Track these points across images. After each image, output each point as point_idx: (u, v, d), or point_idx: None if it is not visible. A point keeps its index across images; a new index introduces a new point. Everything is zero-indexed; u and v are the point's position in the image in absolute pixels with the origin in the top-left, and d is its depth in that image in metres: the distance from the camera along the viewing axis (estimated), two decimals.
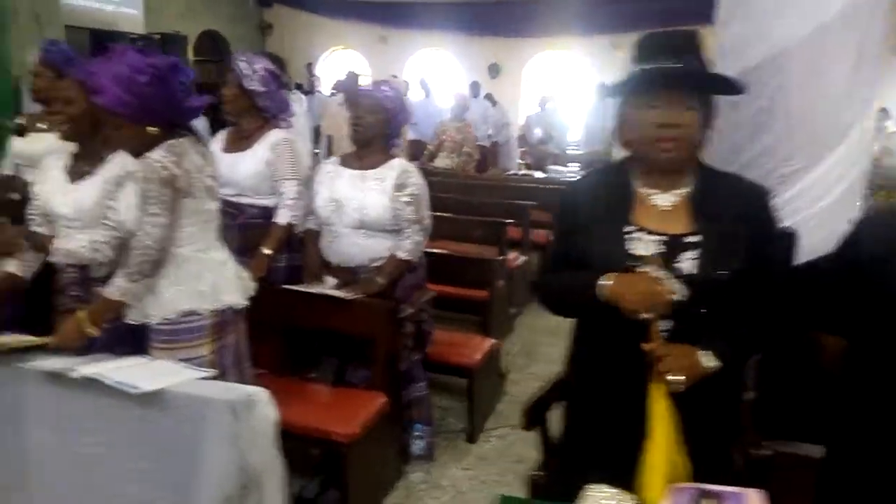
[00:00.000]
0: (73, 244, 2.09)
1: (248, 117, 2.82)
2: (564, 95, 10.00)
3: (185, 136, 1.99)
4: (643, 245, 1.40)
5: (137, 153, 1.96)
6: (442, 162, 7.01)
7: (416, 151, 7.53)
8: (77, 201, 2.11)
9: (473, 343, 3.20)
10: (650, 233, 1.42)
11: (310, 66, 13.00)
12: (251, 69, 2.79)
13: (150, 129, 1.93)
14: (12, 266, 2.13)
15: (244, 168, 2.77)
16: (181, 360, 1.98)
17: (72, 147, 2.19)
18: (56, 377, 1.83)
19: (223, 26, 12.84)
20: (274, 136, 2.81)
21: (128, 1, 10.77)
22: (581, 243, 1.46)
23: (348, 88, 6.91)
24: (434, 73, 12.51)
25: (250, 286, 2.17)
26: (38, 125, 3.08)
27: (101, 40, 9.81)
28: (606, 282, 1.37)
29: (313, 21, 13.33)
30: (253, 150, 2.79)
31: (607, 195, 1.49)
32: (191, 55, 11.71)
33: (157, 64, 1.90)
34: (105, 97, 1.87)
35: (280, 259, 2.84)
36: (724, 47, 2.24)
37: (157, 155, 1.92)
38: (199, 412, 1.69)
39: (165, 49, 10.86)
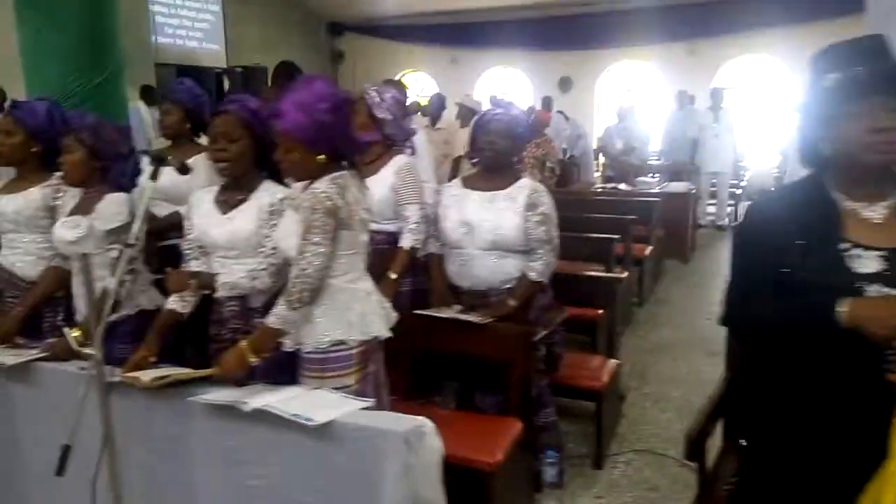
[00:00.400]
0: (233, 276, 2.13)
1: (374, 144, 2.84)
2: (642, 105, 9.78)
3: (347, 168, 2.02)
4: (864, 262, 1.31)
5: (301, 179, 2.02)
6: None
7: None
8: (233, 231, 2.15)
9: (596, 364, 3.11)
10: (867, 248, 1.32)
11: None
12: (380, 98, 2.83)
13: (319, 157, 1.97)
14: (173, 303, 2.19)
15: (371, 194, 2.78)
16: (331, 389, 1.98)
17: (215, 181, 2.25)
18: (221, 409, 1.85)
19: (297, 57, 13.08)
20: (398, 161, 2.84)
21: (210, 37, 11.25)
22: (786, 265, 1.36)
23: (465, 113, 6.96)
24: (504, 90, 12.54)
25: (393, 316, 2.17)
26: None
27: (187, 76, 10.30)
28: (844, 307, 1.28)
29: (384, 46, 13.59)
30: (379, 175, 2.81)
31: (809, 212, 1.40)
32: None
33: (338, 94, 1.94)
34: (285, 121, 1.92)
35: (404, 283, 2.84)
36: None
37: (323, 185, 1.95)
38: (374, 444, 1.67)
39: (247, 81, 11.30)
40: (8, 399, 2.18)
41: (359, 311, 2.04)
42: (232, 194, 2.21)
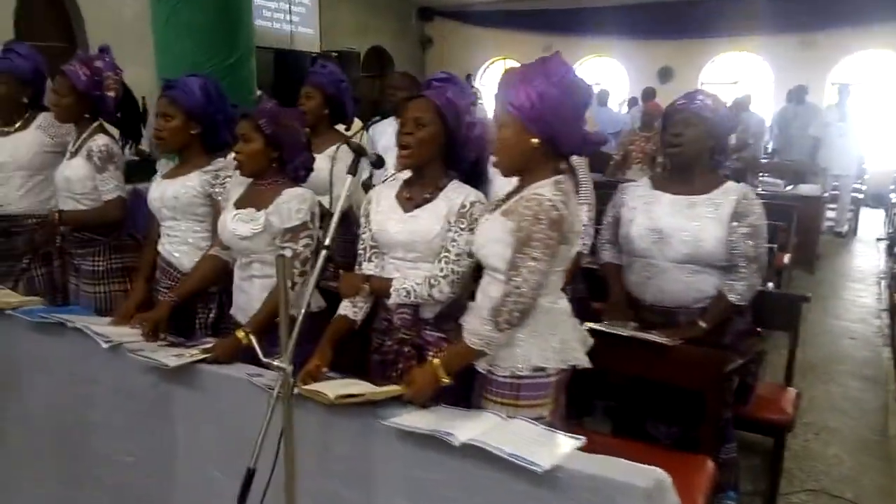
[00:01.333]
0: (410, 282, 1.91)
1: None
2: (756, 99, 9.16)
3: (565, 172, 1.77)
4: None
5: (508, 166, 1.79)
6: (634, 175, 6.58)
7: (597, 163, 7.15)
8: (415, 231, 1.94)
9: (773, 393, 2.76)
10: None
11: (469, 78, 12.99)
12: None
13: (533, 140, 1.73)
14: (345, 309, 1.99)
15: None
16: (524, 419, 1.74)
17: (404, 175, 2.03)
18: (407, 434, 1.63)
19: (387, 42, 13.10)
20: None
21: (305, 21, 11.20)
22: None
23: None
24: (602, 81, 12.10)
25: (590, 341, 1.90)
26: None
27: (284, 59, 10.29)
28: None
29: (474, 33, 13.30)
30: None
31: None
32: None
33: (574, 75, 1.71)
34: (506, 93, 1.71)
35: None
36: None
37: (548, 191, 1.70)
38: (608, 498, 1.41)
39: (342, 66, 11.22)
40: (166, 402, 2.03)
41: (561, 336, 1.79)
42: (418, 191, 1.98)
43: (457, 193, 1.95)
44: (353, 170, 1.73)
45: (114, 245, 2.71)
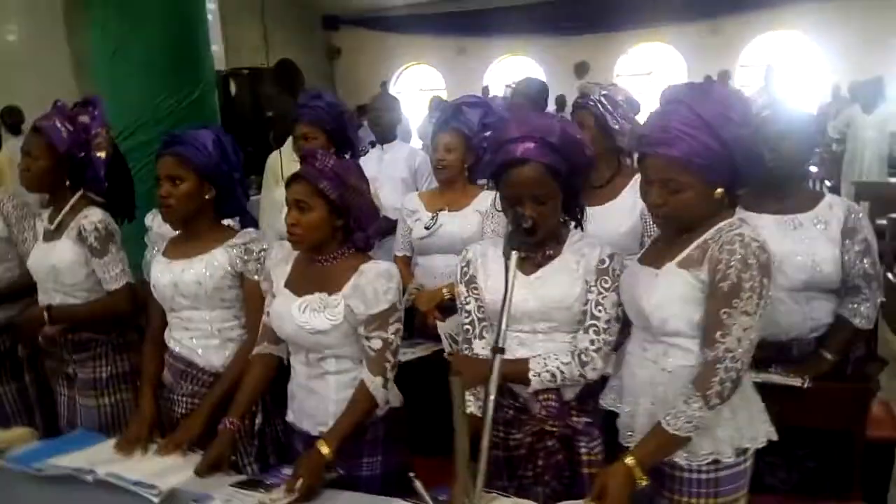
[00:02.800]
0: (552, 363, 1.56)
1: (604, 160, 2.27)
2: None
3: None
4: None
5: (683, 227, 1.48)
6: None
7: None
8: (549, 298, 1.59)
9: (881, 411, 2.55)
10: None
11: (384, 86, 12.60)
12: (612, 101, 2.26)
13: (717, 192, 1.44)
14: (473, 405, 1.60)
15: (613, 226, 2.22)
16: None
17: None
18: None
19: (295, 55, 12.45)
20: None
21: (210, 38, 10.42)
22: None
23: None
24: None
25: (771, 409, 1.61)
26: None
27: None
28: None
29: (384, 40, 12.89)
30: (620, 201, 2.27)
31: None
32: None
33: (747, 103, 1.46)
34: (676, 146, 1.38)
35: None
36: None
37: (747, 231, 1.43)
38: None
39: (254, 83, 10.54)
40: None
41: (755, 406, 1.50)
42: (534, 246, 1.62)
43: (587, 247, 1.62)
44: None
45: (119, 344, 2.18)
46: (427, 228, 2.47)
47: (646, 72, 11.68)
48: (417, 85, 13.42)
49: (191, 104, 3.12)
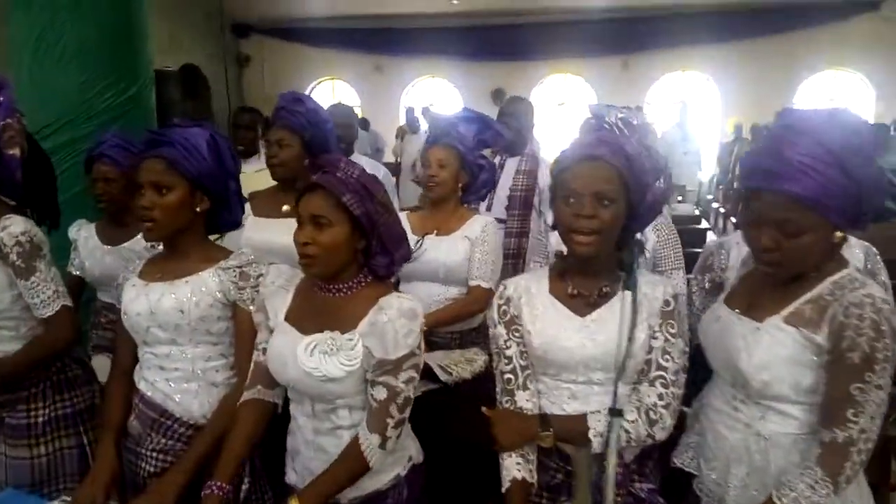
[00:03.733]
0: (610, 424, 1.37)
1: None
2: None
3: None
4: None
5: (798, 271, 1.32)
6: None
7: None
8: (609, 345, 1.38)
9: None
10: None
11: (340, 103, 12.15)
12: (628, 127, 2.13)
13: (838, 235, 1.28)
14: (517, 468, 1.39)
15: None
16: None
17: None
18: None
19: (200, 60, 11.80)
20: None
21: None
22: None
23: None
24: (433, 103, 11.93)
25: None
26: None
27: None
28: None
29: (297, 51, 12.46)
30: None
31: None
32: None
33: (869, 130, 1.28)
34: (796, 181, 1.22)
35: None
36: None
37: (877, 290, 1.25)
38: None
39: (159, 87, 9.82)
40: None
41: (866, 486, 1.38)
42: (588, 283, 1.44)
43: (647, 285, 1.43)
44: None
45: (60, 381, 1.79)
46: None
47: (559, 102, 11.95)
48: (330, 101, 13.05)
49: (127, 100, 2.73)
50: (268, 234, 2.18)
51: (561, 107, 11.87)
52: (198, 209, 1.57)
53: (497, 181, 3.36)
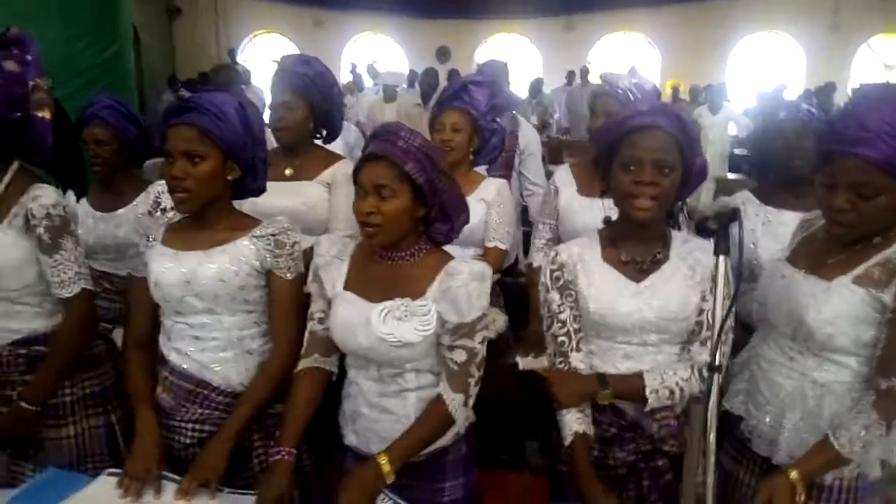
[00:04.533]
0: (670, 378, 1.46)
1: None
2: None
3: None
4: None
5: (877, 233, 1.41)
6: None
7: None
8: (665, 310, 1.47)
9: None
10: None
11: (232, 53, 11.71)
12: (642, 92, 2.18)
13: None
14: (579, 423, 1.46)
15: None
16: None
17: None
18: None
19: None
20: None
21: None
22: None
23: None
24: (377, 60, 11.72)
25: None
26: None
27: None
28: None
29: (231, 3, 11.95)
30: None
31: None
32: None
33: None
34: (881, 148, 1.29)
35: None
36: None
37: None
38: None
39: None
40: None
41: None
42: (640, 249, 1.50)
43: (699, 251, 1.51)
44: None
45: (84, 358, 1.73)
46: None
47: (504, 61, 11.94)
48: (268, 55, 12.61)
49: (108, 60, 2.60)
50: (273, 199, 2.12)
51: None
52: (229, 178, 1.55)
53: None
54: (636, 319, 1.47)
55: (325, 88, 2.29)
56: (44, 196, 1.60)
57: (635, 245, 1.50)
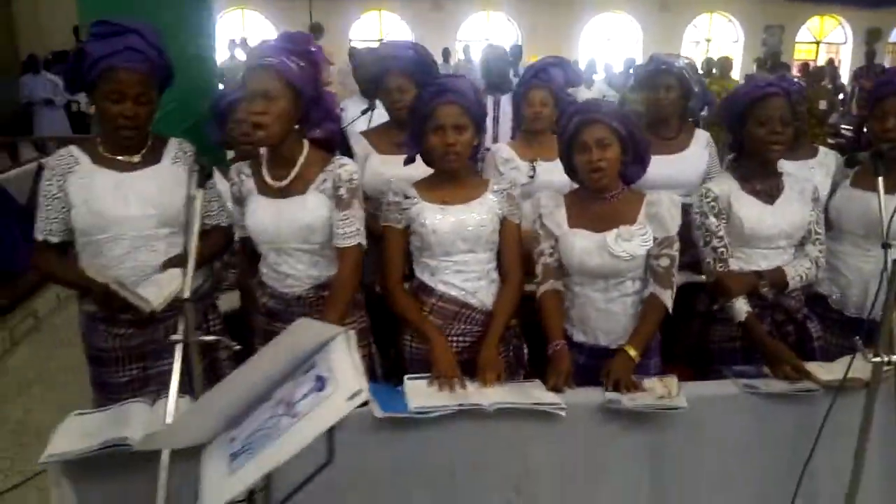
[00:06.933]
0: (800, 269, 2.10)
1: (677, 117, 2.78)
2: None
3: None
4: None
5: None
6: None
7: None
8: (795, 224, 2.10)
9: None
10: None
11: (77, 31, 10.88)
12: (693, 70, 2.78)
13: None
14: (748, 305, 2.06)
15: (692, 165, 2.78)
16: None
17: None
18: None
19: None
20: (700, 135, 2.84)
21: None
22: None
23: None
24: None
25: None
26: None
27: None
28: None
29: None
30: (689, 152, 2.81)
31: None
32: None
33: None
34: None
35: None
36: None
37: None
38: None
39: None
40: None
41: None
42: (769, 183, 2.11)
43: (803, 181, 2.15)
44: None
45: (360, 298, 2.07)
46: (531, 177, 2.71)
47: (375, 38, 12.26)
48: None
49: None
50: (395, 169, 2.44)
51: (378, 43, 12.20)
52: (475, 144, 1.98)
53: (497, 118, 3.87)
54: (776, 231, 2.10)
55: (423, 64, 2.59)
56: (348, 165, 1.91)
57: (763, 179, 2.13)
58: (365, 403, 1.01)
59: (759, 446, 1.92)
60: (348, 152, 2.51)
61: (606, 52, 12.07)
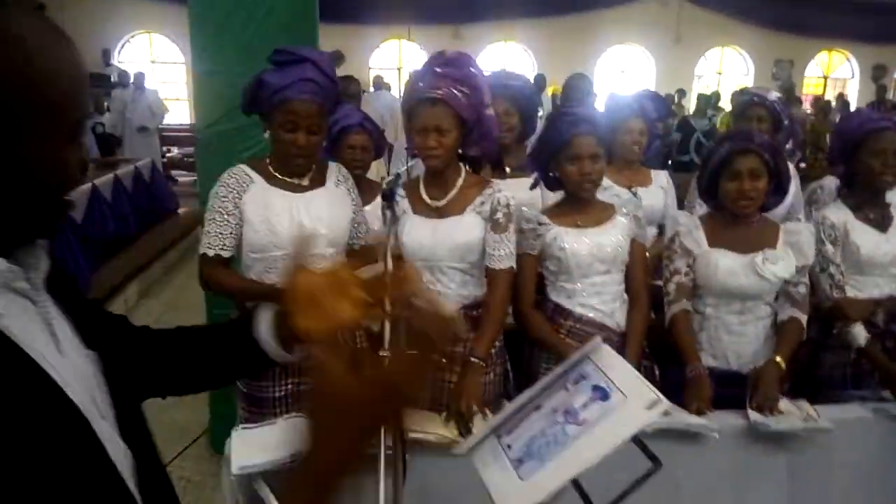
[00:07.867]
0: None
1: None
2: None
3: None
4: None
5: None
6: None
7: None
8: None
9: None
10: None
11: (107, 54, 11.05)
12: (783, 103, 2.90)
13: None
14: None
15: None
16: None
17: None
18: None
19: None
20: None
21: None
22: None
23: None
24: None
25: None
26: None
27: None
28: None
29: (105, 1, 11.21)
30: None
31: None
32: None
33: None
34: None
35: None
36: None
37: None
38: None
39: None
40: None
41: None
42: (878, 211, 2.22)
43: None
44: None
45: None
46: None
47: (395, 67, 12.46)
48: (148, 56, 12.02)
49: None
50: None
51: (398, 71, 12.39)
52: None
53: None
54: (890, 258, 2.19)
55: (528, 97, 2.74)
56: (506, 190, 1.98)
57: (874, 208, 2.22)
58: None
59: (889, 468, 1.98)
60: None
61: (620, 83, 12.32)
